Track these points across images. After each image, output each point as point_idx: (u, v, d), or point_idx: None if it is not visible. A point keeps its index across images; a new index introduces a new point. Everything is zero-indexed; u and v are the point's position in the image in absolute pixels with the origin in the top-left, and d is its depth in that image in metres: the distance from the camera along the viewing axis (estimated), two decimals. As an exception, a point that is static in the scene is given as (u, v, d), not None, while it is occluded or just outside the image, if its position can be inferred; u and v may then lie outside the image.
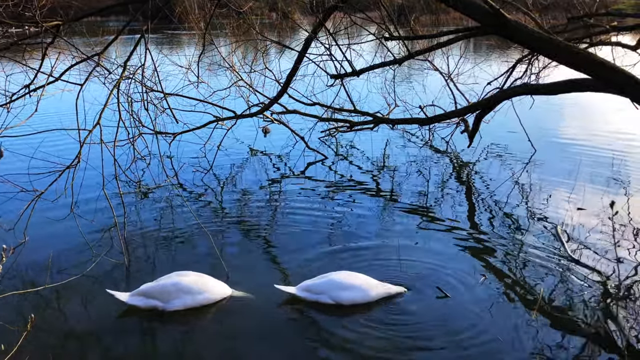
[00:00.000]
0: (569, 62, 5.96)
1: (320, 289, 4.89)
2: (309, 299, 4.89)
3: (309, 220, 6.79)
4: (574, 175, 8.25)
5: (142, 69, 6.82)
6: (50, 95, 6.57)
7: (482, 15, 6.21)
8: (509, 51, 14.06)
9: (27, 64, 6.67)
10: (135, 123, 7.71)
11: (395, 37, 7.16)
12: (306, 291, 4.91)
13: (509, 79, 10.37)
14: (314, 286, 4.91)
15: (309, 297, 4.89)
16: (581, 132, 11.36)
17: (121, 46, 11.29)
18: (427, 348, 4.29)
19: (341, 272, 5.07)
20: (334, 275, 4.98)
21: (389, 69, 11.08)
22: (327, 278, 4.96)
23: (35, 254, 5.66)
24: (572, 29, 8.94)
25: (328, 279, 4.94)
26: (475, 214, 7.15)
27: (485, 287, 5.16)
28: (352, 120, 10.11)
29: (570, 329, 4.52)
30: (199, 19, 12.54)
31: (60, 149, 7.89)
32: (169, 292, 4.76)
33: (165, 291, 4.76)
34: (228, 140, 9.98)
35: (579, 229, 6.42)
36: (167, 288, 4.77)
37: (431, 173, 8.81)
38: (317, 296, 4.88)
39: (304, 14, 12.70)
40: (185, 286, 4.80)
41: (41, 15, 6.18)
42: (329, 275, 5.01)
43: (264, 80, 10.31)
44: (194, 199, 7.69)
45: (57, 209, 6.39)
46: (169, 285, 4.79)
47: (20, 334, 4.04)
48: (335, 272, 5.06)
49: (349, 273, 5.05)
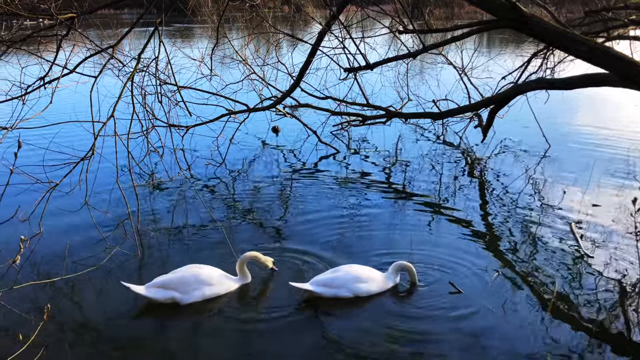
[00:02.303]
0: (586, 57, 5.89)
1: (338, 283, 4.85)
2: (326, 294, 4.84)
3: (320, 214, 6.78)
4: (588, 171, 8.16)
5: (156, 61, 6.84)
6: (64, 88, 6.62)
7: (498, 9, 6.15)
8: (523, 45, 13.94)
9: (42, 56, 6.71)
10: (148, 116, 7.75)
11: (409, 30, 7.12)
12: (323, 286, 4.86)
13: (523, 74, 10.27)
14: (330, 280, 4.87)
15: (327, 292, 4.84)
16: (597, 127, 11.23)
17: (135, 39, 11.30)
18: (440, 343, 4.27)
19: (352, 265, 5.07)
20: (348, 268, 4.97)
21: (402, 63, 11.04)
22: (343, 272, 4.93)
23: (50, 245, 5.71)
24: (590, 23, 8.83)
25: (345, 273, 4.92)
26: (489, 209, 7.10)
27: (498, 284, 5.13)
28: (364, 114, 10.08)
29: (584, 327, 4.47)
30: (212, 12, 12.56)
31: (75, 141, 7.92)
32: (189, 284, 4.79)
33: (185, 282, 4.79)
34: (240, 133, 9.99)
35: (593, 225, 6.36)
36: (187, 279, 4.80)
37: (444, 168, 8.76)
38: (335, 290, 4.83)
39: (317, 6, 12.67)
40: (204, 278, 4.85)
41: (56, 7, 6.20)
42: (341, 269, 5.00)
43: (277, 73, 10.30)
44: (206, 192, 7.71)
45: (72, 200, 6.43)
46: (188, 276, 4.82)
47: (37, 323, 4.09)
48: (347, 266, 5.05)
49: (359, 266, 5.06)
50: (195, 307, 4.79)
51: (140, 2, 7.66)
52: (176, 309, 4.76)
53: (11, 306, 4.44)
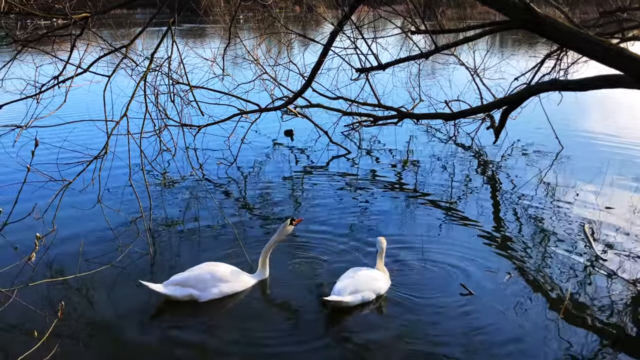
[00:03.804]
0: (600, 58, 5.85)
1: (361, 287, 4.75)
2: (355, 302, 4.71)
3: (331, 214, 6.79)
4: (602, 173, 8.09)
5: (169, 61, 6.87)
6: (78, 87, 6.67)
7: (511, 9, 6.12)
8: (536, 46, 13.84)
9: (57, 56, 6.78)
10: (161, 115, 7.79)
11: (422, 30, 7.10)
12: (353, 294, 4.69)
13: (536, 75, 10.20)
14: (352, 286, 4.72)
15: (356, 300, 4.71)
16: (610, 129, 11.13)
17: (147, 38, 11.39)
18: (451, 346, 4.25)
19: (361, 268, 5.04)
20: (363, 272, 4.93)
21: (413, 63, 11.00)
22: (360, 274, 4.85)
23: (63, 243, 5.76)
24: (604, 24, 8.75)
25: (365, 275, 4.85)
26: (501, 211, 7.06)
27: (510, 286, 5.10)
28: (376, 114, 10.07)
29: (597, 330, 4.43)
30: (224, 12, 12.60)
31: (88, 140, 7.98)
32: (206, 281, 4.83)
33: (202, 279, 4.83)
34: (252, 133, 10.02)
35: (607, 228, 6.30)
36: (204, 277, 4.84)
37: (455, 169, 8.73)
38: (362, 296, 4.72)
39: (329, 7, 12.67)
40: (221, 275, 4.89)
41: (70, 7, 6.26)
42: (356, 273, 4.92)
43: (288, 73, 10.32)
44: (217, 191, 7.74)
45: (85, 198, 6.48)
46: (205, 274, 4.86)
47: (51, 320, 4.12)
48: (357, 269, 5.02)
49: (367, 269, 5.04)
50: (213, 304, 4.82)
51: (153, 2, 7.72)
52: (189, 307, 4.77)
53: (26, 303, 4.48)
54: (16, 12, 6.36)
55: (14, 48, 6.84)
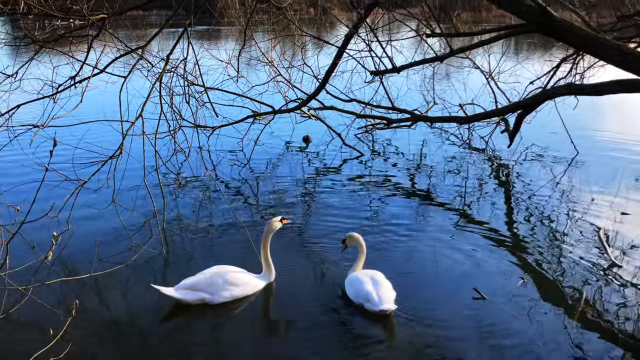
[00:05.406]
0: (617, 62, 5.78)
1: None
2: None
3: (343, 217, 6.78)
4: (618, 179, 8.00)
5: (184, 62, 6.92)
6: (94, 87, 6.74)
7: (527, 13, 6.08)
8: (552, 50, 13.72)
9: (73, 56, 6.85)
10: (175, 116, 7.84)
11: (437, 34, 7.07)
12: (369, 302, 4.65)
13: (552, 79, 10.11)
14: (374, 294, 4.67)
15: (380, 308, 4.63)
16: (626, 134, 10.99)
17: (163, 40, 11.46)
18: (463, 350, 4.23)
19: (374, 271, 5.03)
20: (379, 277, 4.90)
21: (428, 66, 10.95)
22: (374, 283, 4.79)
23: (77, 242, 5.80)
24: (622, 28, 8.66)
25: (380, 283, 4.78)
26: (514, 215, 7.02)
27: (523, 291, 5.06)
28: (389, 117, 10.04)
29: (612, 337, 4.38)
30: (239, 14, 12.67)
31: (104, 140, 8.05)
32: (217, 284, 4.86)
33: (214, 283, 4.86)
34: (265, 135, 10.05)
35: (622, 233, 6.23)
36: (215, 280, 4.87)
37: (469, 173, 8.68)
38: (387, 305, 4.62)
39: (343, 9, 12.69)
40: (231, 279, 4.92)
41: (88, 8, 6.33)
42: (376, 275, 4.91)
43: (302, 76, 10.34)
44: (231, 192, 7.77)
45: (99, 198, 6.54)
46: (216, 278, 4.89)
47: (65, 319, 4.17)
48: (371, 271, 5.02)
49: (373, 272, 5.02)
50: (217, 306, 4.83)
51: (169, 3, 7.77)
52: (201, 309, 4.80)
53: (42, 301, 4.53)
54: (35, 13, 6.45)
55: (32, 48, 6.93)
